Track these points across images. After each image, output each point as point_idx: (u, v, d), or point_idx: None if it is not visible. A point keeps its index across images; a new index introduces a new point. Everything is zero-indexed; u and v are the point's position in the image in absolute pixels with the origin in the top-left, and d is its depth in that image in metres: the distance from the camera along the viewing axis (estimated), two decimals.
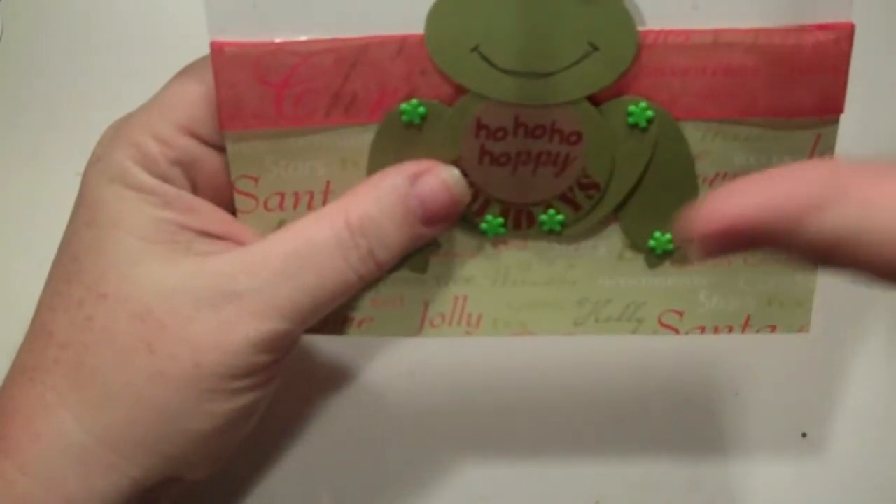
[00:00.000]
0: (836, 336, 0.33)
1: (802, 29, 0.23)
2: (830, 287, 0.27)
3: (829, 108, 0.24)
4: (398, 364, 0.33)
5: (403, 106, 0.24)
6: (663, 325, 0.27)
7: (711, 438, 0.33)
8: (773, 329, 0.27)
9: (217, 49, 0.24)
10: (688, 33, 0.23)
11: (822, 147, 0.25)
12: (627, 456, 0.33)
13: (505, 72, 0.24)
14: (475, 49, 0.24)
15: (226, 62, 0.24)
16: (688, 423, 0.33)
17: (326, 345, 0.33)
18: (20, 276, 0.32)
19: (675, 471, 0.33)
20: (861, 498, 0.32)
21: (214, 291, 0.22)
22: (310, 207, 0.25)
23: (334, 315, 0.25)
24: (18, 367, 0.23)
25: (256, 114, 0.24)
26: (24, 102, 0.32)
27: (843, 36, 0.23)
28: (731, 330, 0.27)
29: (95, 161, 0.24)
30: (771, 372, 0.33)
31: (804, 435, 0.33)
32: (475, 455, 0.32)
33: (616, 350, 0.32)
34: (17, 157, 0.32)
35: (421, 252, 0.26)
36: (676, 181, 0.25)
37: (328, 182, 0.25)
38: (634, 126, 0.24)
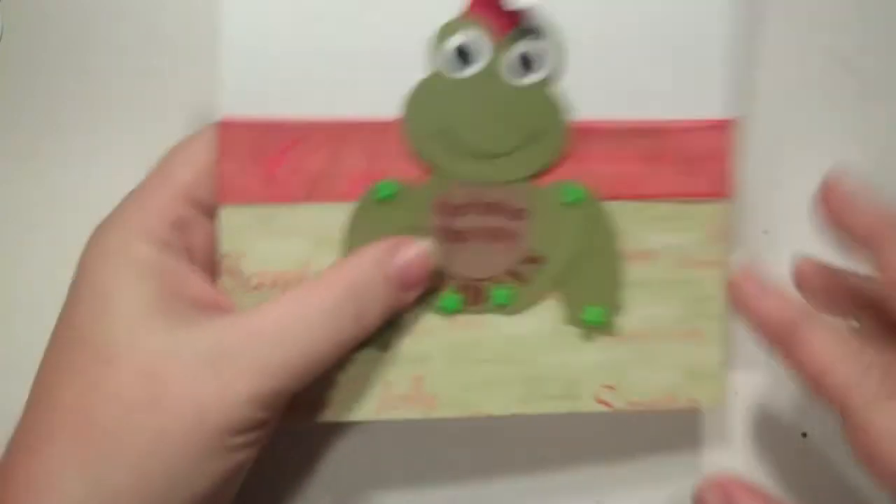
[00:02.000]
0: None
1: (697, 124, 0.27)
2: None
3: (720, 192, 0.27)
4: None
5: (378, 185, 0.26)
6: (599, 402, 0.28)
7: (712, 438, 0.33)
8: (694, 402, 0.28)
9: (227, 124, 0.25)
10: (611, 123, 0.27)
11: (720, 224, 0.28)
12: (627, 456, 0.33)
13: (467, 154, 0.26)
14: (443, 132, 0.26)
15: (233, 137, 0.25)
16: (688, 423, 0.33)
17: None
18: (20, 277, 0.32)
19: (675, 471, 0.33)
20: (860, 498, 0.32)
21: (215, 354, 0.23)
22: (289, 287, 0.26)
23: (298, 402, 0.26)
24: (22, 433, 0.24)
25: (250, 189, 0.26)
26: (24, 102, 0.32)
27: (727, 131, 0.27)
28: (658, 403, 0.28)
29: (97, 235, 0.25)
30: (771, 372, 0.33)
31: (804, 435, 0.33)
32: (475, 454, 0.32)
33: None
34: (17, 157, 0.32)
35: (384, 330, 0.26)
36: (603, 257, 0.27)
37: (307, 263, 0.26)
38: (569, 205, 0.27)
